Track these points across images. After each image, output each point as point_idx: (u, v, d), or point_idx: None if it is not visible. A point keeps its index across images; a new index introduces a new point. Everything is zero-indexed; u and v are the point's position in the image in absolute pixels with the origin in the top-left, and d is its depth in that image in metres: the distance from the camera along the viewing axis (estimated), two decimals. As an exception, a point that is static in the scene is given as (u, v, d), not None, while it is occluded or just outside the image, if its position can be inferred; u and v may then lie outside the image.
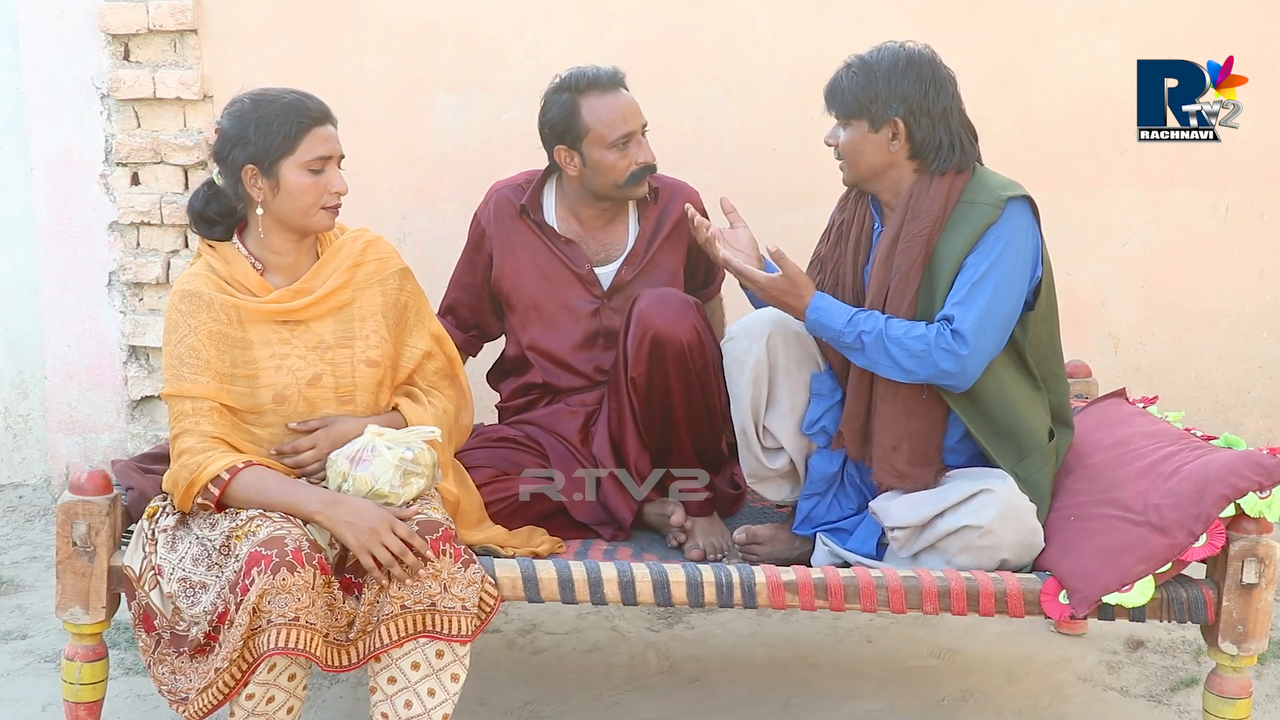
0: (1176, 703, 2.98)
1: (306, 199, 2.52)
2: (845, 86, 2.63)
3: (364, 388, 2.61)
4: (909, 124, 2.59)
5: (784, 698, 3.02)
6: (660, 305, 2.81)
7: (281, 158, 2.50)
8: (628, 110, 2.94)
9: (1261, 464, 2.46)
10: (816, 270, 2.82)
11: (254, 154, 2.50)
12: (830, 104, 2.67)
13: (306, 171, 2.51)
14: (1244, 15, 3.85)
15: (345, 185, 2.56)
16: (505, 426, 3.08)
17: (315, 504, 2.39)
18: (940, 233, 2.58)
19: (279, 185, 2.51)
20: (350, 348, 2.60)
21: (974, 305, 2.53)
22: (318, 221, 2.56)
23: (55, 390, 4.08)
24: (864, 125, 2.61)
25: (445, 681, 2.36)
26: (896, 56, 2.61)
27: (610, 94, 2.94)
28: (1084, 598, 2.44)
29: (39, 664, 3.12)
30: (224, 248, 2.59)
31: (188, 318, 2.52)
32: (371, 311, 2.64)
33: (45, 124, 3.95)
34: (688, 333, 2.79)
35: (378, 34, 3.87)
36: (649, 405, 2.84)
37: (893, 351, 2.54)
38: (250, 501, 2.42)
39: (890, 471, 2.66)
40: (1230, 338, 4.03)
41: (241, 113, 2.53)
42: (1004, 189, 2.60)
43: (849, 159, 2.66)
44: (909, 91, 2.58)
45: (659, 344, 2.78)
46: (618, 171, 2.93)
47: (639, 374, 2.82)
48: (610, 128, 2.91)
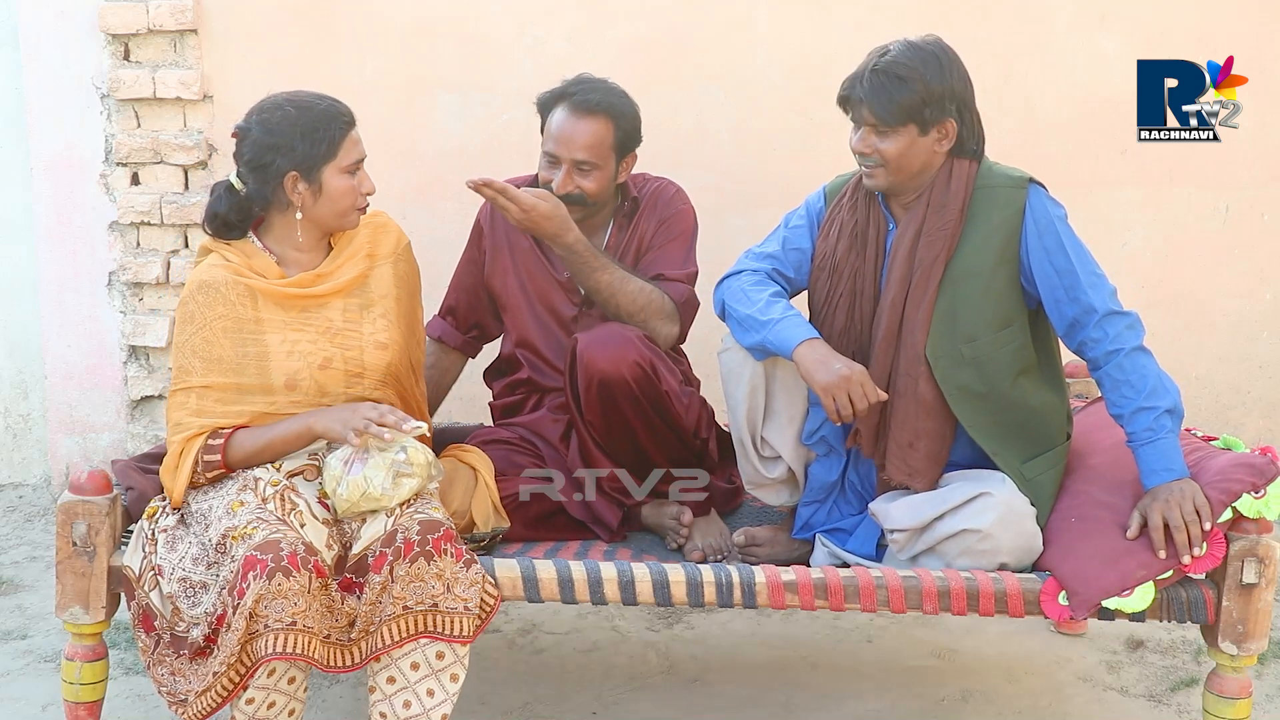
0: (1176, 703, 2.98)
1: (346, 201, 2.57)
2: (891, 93, 2.51)
3: (373, 368, 2.64)
4: (959, 122, 2.56)
5: (784, 698, 3.02)
6: (601, 346, 2.77)
7: (325, 163, 2.53)
8: (564, 132, 2.90)
9: (1253, 465, 2.46)
10: (827, 274, 2.72)
11: (299, 161, 2.52)
12: (872, 113, 2.53)
13: (346, 175, 2.56)
14: (1244, 15, 3.85)
15: (373, 185, 2.62)
16: (499, 428, 3.08)
17: (303, 420, 2.51)
18: (963, 224, 2.57)
19: (321, 190, 2.55)
20: (359, 330, 2.62)
21: (1096, 284, 2.54)
22: (351, 222, 2.62)
23: (55, 390, 4.08)
24: (913, 130, 2.54)
25: (445, 682, 2.37)
26: (935, 55, 2.55)
27: (564, 115, 2.91)
28: (1084, 600, 2.44)
29: (39, 664, 3.12)
30: (240, 243, 2.62)
31: (204, 309, 2.54)
32: (381, 294, 2.68)
33: (45, 124, 3.95)
34: (631, 370, 2.75)
35: (378, 34, 3.87)
36: (611, 440, 2.84)
37: (1165, 383, 2.51)
38: (253, 449, 2.50)
39: (903, 468, 2.65)
40: (1230, 338, 4.03)
41: (282, 120, 2.53)
42: (1017, 172, 2.61)
43: (893, 165, 2.56)
44: (957, 89, 2.55)
45: (606, 386, 2.76)
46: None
47: (594, 417, 2.82)
48: (548, 141, 2.93)
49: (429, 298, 2.92)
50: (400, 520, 2.40)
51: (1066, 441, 2.71)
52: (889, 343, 2.62)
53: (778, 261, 2.77)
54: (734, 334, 2.72)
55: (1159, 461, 2.48)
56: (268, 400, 2.56)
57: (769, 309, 2.64)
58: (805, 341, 2.57)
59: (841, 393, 2.52)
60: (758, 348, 2.66)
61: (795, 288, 2.81)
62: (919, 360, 2.59)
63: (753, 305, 2.66)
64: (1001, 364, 2.59)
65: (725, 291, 2.76)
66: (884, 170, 2.58)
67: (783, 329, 2.60)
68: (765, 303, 2.65)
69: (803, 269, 2.78)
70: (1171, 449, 2.48)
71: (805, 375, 2.57)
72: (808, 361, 2.56)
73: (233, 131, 2.59)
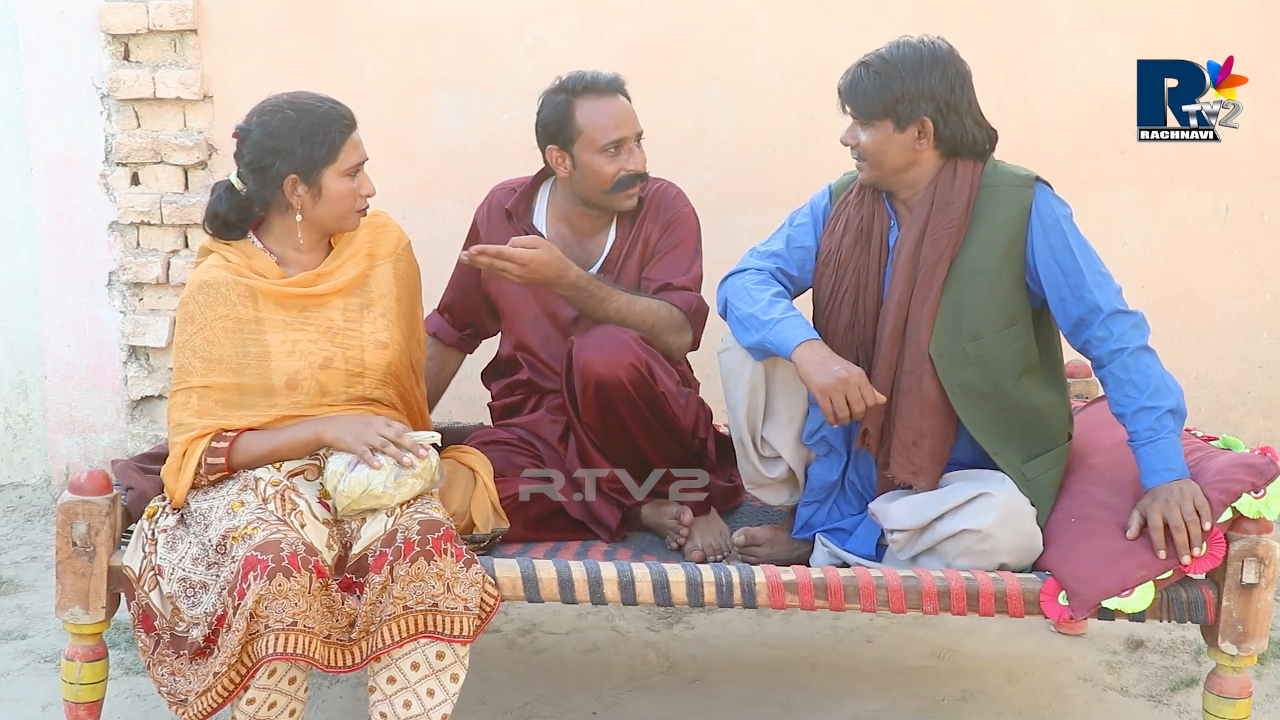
0: (1176, 703, 2.98)
1: (345, 204, 2.57)
2: (868, 87, 2.56)
3: (373, 368, 2.64)
4: (936, 122, 2.56)
5: (784, 698, 3.02)
6: (596, 348, 2.77)
7: (325, 166, 2.53)
8: (621, 115, 2.92)
9: (1253, 465, 2.46)
10: (832, 270, 2.73)
11: (299, 164, 2.52)
12: (850, 105, 2.61)
13: (346, 178, 2.56)
14: (1244, 15, 3.85)
15: (373, 187, 2.62)
16: (498, 429, 3.08)
17: (311, 427, 2.51)
18: (968, 222, 2.58)
19: (320, 193, 2.55)
20: (359, 329, 2.62)
21: (1101, 283, 2.54)
22: (350, 223, 2.62)
23: (55, 390, 4.08)
24: (889, 126, 2.56)
25: (445, 682, 2.37)
26: (919, 54, 2.56)
27: (606, 98, 2.92)
28: (1084, 601, 2.44)
29: (39, 664, 3.12)
30: (240, 244, 2.62)
31: (205, 309, 2.54)
32: (382, 294, 2.68)
33: (45, 124, 3.95)
34: (628, 372, 2.75)
35: (378, 34, 3.87)
36: (608, 441, 2.84)
37: (1169, 382, 2.51)
38: (259, 453, 2.50)
39: (907, 467, 2.65)
40: (1230, 338, 4.03)
41: (282, 123, 2.52)
42: (1023, 171, 2.61)
43: (873, 160, 2.60)
44: (936, 90, 2.55)
45: (602, 389, 2.76)
46: (604, 177, 2.91)
47: (591, 419, 2.82)
48: (602, 132, 2.90)
49: (429, 297, 2.93)
50: (400, 520, 2.40)
51: (1068, 441, 2.71)
52: (894, 342, 2.62)
53: (781, 260, 2.78)
54: (735, 333, 2.72)
55: (1159, 461, 2.48)
56: (268, 400, 2.56)
57: (770, 309, 2.64)
58: (804, 342, 2.57)
59: (839, 395, 2.52)
60: (757, 347, 2.66)
61: (799, 286, 2.81)
62: (923, 359, 2.59)
63: (755, 304, 2.66)
64: (1005, 363, 2.59)
65: (728, 289, 2.76)
66: (866, 164, 2.63)
67: (783, 329, 2.60)
68: (767, 302, 2.65)
69: (806, 267, 2.78)
70: (1172, 449, 2.48)
71: (803, 376, 2.57)
72: (806, 363, 2.56)
73: (233, 132, 2.58)
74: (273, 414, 2.55)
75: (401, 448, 2.44)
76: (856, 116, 2.61)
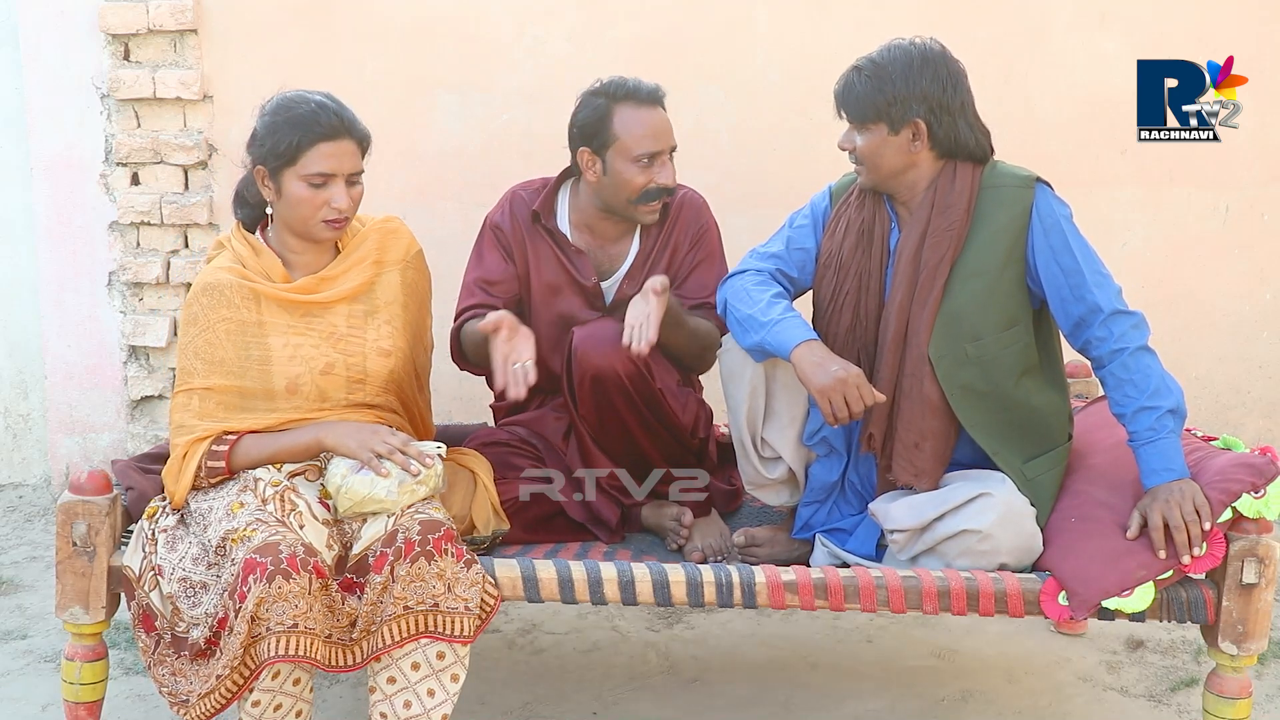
0: (1176, 703, 2.98)
1: (303, 210, 2.54)
2: (860, 91, 2.56)
3: (375, 375, 2.64)
4: (930, 124, 2.56)
5: (784, 698, 3.02)
6: (595, 342, 2.77)
7: (284, 166, 2.52)
8: (659, 127, 2.89)
9: (1252, 465, 2.46)
10: (833, 272, 2.72)
11: (263, 157, 2.53)
12: (845, 110, 2.61)
13: (306, 185, 2.52)
14: (1244, 15, 3.85)
15: (348, 203, 2.55)
16: (498, 430, 3.08)
17: (313, 432, 2.51)
18: (969, 224, 2.58)
19: (280, 193, 2.55)
20: (362, 336, 2.62)
21: (1101, 283, 2.54)
22: (317, 233, 2.58)
23: (55, 390, 4.09)
24: (883, 129, 2.56)
25: (445, 682, 2.37)
26: (910, 56, 2.56)
27: (646, 108, 2.89)
28: (1084, 600, 2.43)
29: (39, 664, 3.12)
30: (254, 240, 2.63)
31: (208, 311, 2.54)
32: (387, 301, 2.67)
33: (45, 124, 3.95)
34: (625, 365, 2.74)
35: (378, 34, 3.87)
36: (606, 435, 2.84)
37: (1169, 383, 2.51)
38: (259, 456, 2.50)
39: (909, 469, 2.64)
40: (1230, 338, 4.03)
41: (270, 112, 2.55)
42: (1023, 172, 2.61)
43: (869, 163, 2.60)
44: (928, 91, 2.54)
45: (599, 381, 2.77)
46: (633, 187, 2.88)
47: (588, 412, 2.82)
48: (638, 142, 2.87)
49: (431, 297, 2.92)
50: (401, 520, 2.41)
51: (1068, 442, 2.71)
52: (896, 345, 2.62)
53: (781, 261, 2.78)
54: (734, 334, 2.72)
55: (1159, 461, 2.48)
56: (269, 404, 2.56)
57: (769, 310, 2.64)
58: (803, 343, 2.57)
59: (838, 395, 2.52)
60: (756, 348, 2.66)
61: (799, 288, 2.81)
62: (923, 360, 2.59)
63: (754, 305, 2.66)
64: (1005, 364, 2.59)
65: (728, 290, 2.76)
66: (864, 168, 2.63)
67: (781, 330, 2.60)
68: (766, 303, 2.65)
69: (806, 269, 2.78)
70: (1172, 449, 2.48)
71: (802, 377, 2.57)
72: (804, 363, 2.56)
73: None
74: (274, 417, 2.55)
75: (408, 456, 2.44)
76: (851, 121, 2.61)
